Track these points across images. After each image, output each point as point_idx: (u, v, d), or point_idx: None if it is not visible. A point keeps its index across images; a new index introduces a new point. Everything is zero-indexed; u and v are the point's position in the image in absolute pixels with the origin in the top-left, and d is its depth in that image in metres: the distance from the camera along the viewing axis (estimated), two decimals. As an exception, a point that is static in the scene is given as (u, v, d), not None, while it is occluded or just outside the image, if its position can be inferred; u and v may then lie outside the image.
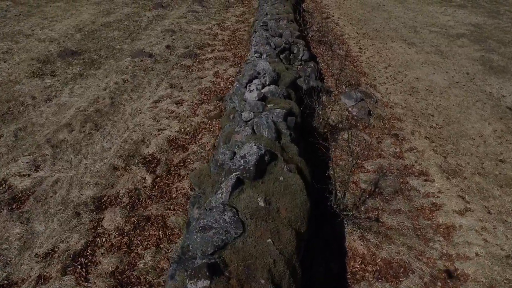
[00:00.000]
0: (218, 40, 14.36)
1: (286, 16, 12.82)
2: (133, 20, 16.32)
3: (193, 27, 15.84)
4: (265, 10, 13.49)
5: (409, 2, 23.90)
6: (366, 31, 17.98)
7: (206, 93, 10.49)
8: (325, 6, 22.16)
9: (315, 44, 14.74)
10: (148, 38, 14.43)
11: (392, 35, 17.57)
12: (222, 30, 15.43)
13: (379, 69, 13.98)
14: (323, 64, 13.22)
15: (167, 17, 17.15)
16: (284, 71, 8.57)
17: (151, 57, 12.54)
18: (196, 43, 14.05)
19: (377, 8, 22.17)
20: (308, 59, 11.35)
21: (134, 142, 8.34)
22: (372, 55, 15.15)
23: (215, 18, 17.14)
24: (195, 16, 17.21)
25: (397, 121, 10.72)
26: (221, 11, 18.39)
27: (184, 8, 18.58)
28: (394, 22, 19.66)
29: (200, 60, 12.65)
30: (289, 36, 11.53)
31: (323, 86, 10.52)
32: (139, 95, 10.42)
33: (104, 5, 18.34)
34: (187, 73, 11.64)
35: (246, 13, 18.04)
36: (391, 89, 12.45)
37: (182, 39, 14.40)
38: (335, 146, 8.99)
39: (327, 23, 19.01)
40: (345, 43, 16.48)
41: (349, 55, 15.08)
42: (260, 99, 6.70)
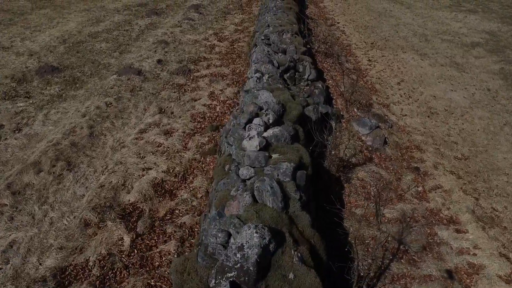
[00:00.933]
0: (215, 53, 12.89)
1: (290, 28, 11.35)
2: (123, 30, 14.84)
3: (188, 37, 14.37)
4: (267, 20, 12.03)
5: (416, 7, 22.39)
6: (374, 40, 16.50)
7: (199, 120, 9.05)
8: (329, 12, 20.65)
9: (321, 57, 13.28)
10: (139, 50, 12.97)
11: (403, 45, 16.10)
12: (220, 41, 13.96)
13: (392, 85, 12.53)
14: (330, 81, 11.77)
15: (161, 25, 15.66)
16: (290, 102, 7.13)
17: (140, 75, 11.09)
18: (190, 56, 12.59)
19: (384, 14, 20.67)
20: (315, 78, 9.90)
21: (113, 187, 6.91)
22: (383, 68, 13.69)
23: (213, 26, 15.65)
24: (190, 24, 15.73)
25: (416, 150, 9.31)
26: (219, 18, 16.91)
27: (179, 15, 17.09)
28: (403, 29, 18.18)
29: (194, 77, 11.20)
30: (293, 52, 10.07)
31: (333, 112, 9.08)
32: (124, 122, 8.99)
33: (93, 12, 16.85)
34: (179, 94, 10.19)
35: (245, 21, 16.55)
36: (406, 109, 11.02)
37: (176, 52, 12.93)
38: (349, 187, 7.58)
39: (332, 31, 17.54)
40: (353, 54, 15.02)
41: (357, 68, 13.63)
42: (262, 148, 5.27)
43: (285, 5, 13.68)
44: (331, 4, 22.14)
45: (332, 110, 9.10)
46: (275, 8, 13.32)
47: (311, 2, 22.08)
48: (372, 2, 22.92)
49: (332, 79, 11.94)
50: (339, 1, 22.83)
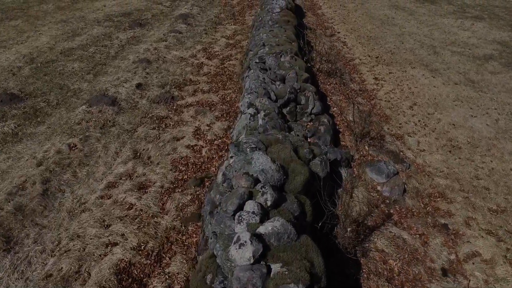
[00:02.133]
0: (203, 74, 11.12)
1: (288, 47, 9.60)
2: (101, 45, 12.99)
3: (174, 53, 12.57)
4: (262, 38, 10.28)
5: (419, 14, 20.72)
6: (379, 54, 14.81)
7: (181, 168, 7.30)
8: (328, 20, 18.91)
9: (324, 77, 11.56)
10: (116, 71, 11.15)
11: (410, 59, 14.43)
12: (209, 59, 12.18)
13: (404, 109, 10.87)
14: (335, 108, 10.07)
15: (145, 39, 13.83)
16: (293, 162, 5.40)
17: (115, 104, 9.30)
18: (175, 79, 10.80)
19: (386, 22, 18.96)
20: (320, 111, 8.19)
21: (63, 277, 5.17)
22: (392, 88, 12.01)
23: (201, 40, 13.85)
24: (177, 38, 13.91)
25: (441, 199, 7.67)
26: (209, 30, 15.10)
27: (165, 26, 15.25)
28: (409, 40, 16.50)
29: (178, 107, 9.43)
30: (294, 80, 8.34)
31: (343, 157, 7.38)
32: (89, 171, 7.22)
33: (71, 24, 14.96)
34: (158, 131, 8.42)
35: (238, 33, 14.76)
36: (424, 142, 9.37)
37: (158, 73, 11.14)
38: (367, 264, 5.92)
39: (332, 42, 15.82)
40: (357, 70, 13.32)
41: (364, 89, 11.95)
42: (257, 259, 3.58)
43: (282, 18, 11.92)
44: (329, 11, 20.39)
45: (342, 154, 7.39)
46: (270, 22, 11.56)
47: (309, 9, 20.32)
48: (373, 9, 21.21)
49: (336, 105, 10.23)
50: (338, 8, 21.10)
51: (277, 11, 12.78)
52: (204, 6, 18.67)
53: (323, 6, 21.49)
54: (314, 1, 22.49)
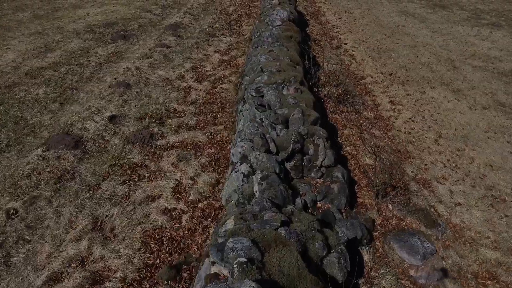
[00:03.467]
0: (190, 103, 9.19)
1: (292, 74, 7.67)
2: (76, 64, 11.05)
3: (158, 74, 10.65)
4: (260, 61, 8.34)
5: (431, 21, 18.73)
6: (392, 70, 12.86)
7: (153, 247, 5.40)
8: (333, 29, 16.92)
9: (333, 104, 9.63)
10: (88, 99, 9.24)
11: (428, 76, 12.48)
12: (198, 81, 10.24)
13: (428, 144, 8.96)
14: (348, 147, 8.17)
15: (127, 55, 11.89)
16: (302, 280, 3.53)
17: (78, 147, 7.39)
18: (156, 109, 8.89)
19: (397, 31, 16.98)
20: (333, 163, 6.28)
21: None
22: (411, 115, 10.08)
23: (192, 56, 11.90)
24: (164, 54, 11.96)
25: (493, 283, 5.81)
26: (201, 43, 13.14)
27: (152, 39, 13.30)
28: (423, 53, 14.54)
29: (156, 149, 7.53)
30: (300, 123, 6.43)
31: (363, 233, 5.48)
32: (29, 254, 5.33)
33: (46, 37, 13.01)
34: (129, 187, 6.52)
35: (234, 47, 12.81)
36: (458, 192, 7.49)
37: (138, 100, 9.23)
38: None
39: (340, 56, 13.87)
40: (369, 91, 11.38)
41: (379, 117, 10.02)
42: None
43: (284, 34, 9.97)
44: (334, 18, 18.40)
45: (362, 230, 5.48)
46: (270, 39, 9.61)
47: (312, 16, 18.33)
48: (381, 15, 19.23)
49: (349, 142, 8.32)
50: (344, 14, 19.10)
51: (278, 24, 10.82)
52: (197, 14, 16.69)
53: (327, 12, 19.50)
54: (317, 6, 20.51)
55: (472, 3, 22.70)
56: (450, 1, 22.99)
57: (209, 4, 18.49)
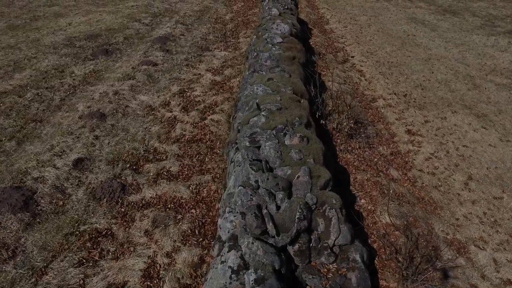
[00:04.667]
0: (174, 140, 7.59)
1: (296, 114, 6.06)
2: (46, 87, 9.44)
3: (140, 99, 9.05)
4: (256, 94, 6.72)
5: (443, 29, 17.09)
6: (407, 90, 11.24)
7: None
8: (338, 39, 15.28)
9: (342, 139, 8.03)
10: (53, 134, 7.64)
11: (447, 97, 10.87)
12: (185, 110, 8.64)
13: (457, 189, 7.39)
14: (363, 200, 6.59)
15: (107, 75, 10.28)
16: None
17: (28, 207, 5.79)
18: (133, 148, 7.29)
19: (407, 41, 15.34)
20: (349, 240, 4.71)
21: None
22: (434, 150, 8.49)
23: (180, 76, 10.28)
24: (149, 73, 10.35)
25: None
26: (191, 59, 11.51)
27: (138, 55, 11.67)
28: (439, 67, 12.92)
29: (128, 209, 5.94)
30: (307, 188, 4.84)
31: None
32: None
33: (17, 52, 11.38)
34: (85, 270, 4.92)
35: (228, 64, 11.19)
36: (504, 264, 5.89)
37: (113, 137, 7.63)
38: None
39: (347, 71, 12.24)
40: (383, 118, 9.77)
41: (396, 152, 8.43)
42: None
43: (285, 54, 8.36)
44: (339, 27, 16.74)
45: None
46: (269, 62, 7.99)
47: (315, 24, 16.68)
48: (389, 23, 17.57)
49: (364, 193, 6.73)
50: (349, 22, 17.44)
51: (278, 41, 9.20)
52: (190, 23, 15.04)
53: (330, 20, 17.84)
54: (321, 13, 18.84)
55: (483, 9, 21.04)
56: (460, 7, 21.34)
57: (204, 12, 16.83)
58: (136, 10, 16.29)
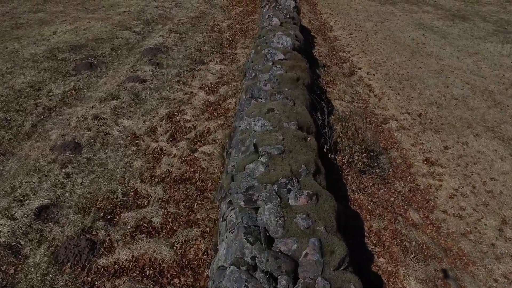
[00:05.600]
0: (159, 179, 6.40)
1: (301, 160, 4.85)
2: (17, 109, 8.25)
3: (123, 125, 7.85)
4: (254, 131, 5.53)
5: (454, 37, 15.86)
6: (421, 108, 10.03)
7: None
8: (343, 48, 14.05)
9: (354, 176, 6.84)
10: (16, 173, 6.45)
11: (466, 117, 9.67)
12: (174, 140, 7.44)
13: (490, 238, 6.20)
14: (382, 259, 5.42)
15: (88, 93, 9.08)
16: None
17: (-27, 278, 4.62)
18: (109, 191, 6.10)
19: (417, 50, 14.11)
20: None
21: None
22: (457, 184, 7.29)
23: (170, 96, 9.08)
24: (135, 91, 9.15)
25: None
26: (184, 74, 10.31)
27: (125, 69, 10.46)
28: (454, 81, 11.71)
29: (96, 276, 4.75)
30: (317, 269, 3.65)
31: None
32: None
33: (-8, 66, 10.18)
34: None
35: (224, 80, 9.98)
36: None
37: (87, 175, 6.45)
38: None
39: (354, 86, 11.04)
40: (397, 143, 8.58)
41: (415, 189, 7.24)
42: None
43: (288, 75, 7.16)
44: (344, 34, 15.50)
45: None
46: (269, 85, 6.79)
47: (318, 31, 15.45)
48: (396, 30, 16.34)
49: (382, 248, 5.56)
50: (354, 28, 16.20)
51: (280, 57, 7.99)
52: (185, 31, 13.81)
53: (334, 26, 16.60)
54: (323, 18, 17.59)
55: (494, 13, 19.80)
56: (469, 11, 20.09)
57: (200, 19, 15.59)
58: (127, 16, 15.06)
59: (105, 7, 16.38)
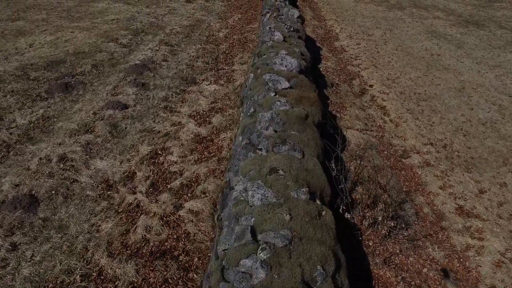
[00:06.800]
0: (131, 253, 4.90)
1: (318, 258, 3.38)
2: (-31, 148, 6.74)
3: (95, 168, 6.36)
4: (252, 202, 4.06)
5: (470, 46, 14.32)
6: (445, 136, 8.53)
7: None
8: (351, 60, 12.52)
9: (376, 241, 5.36)
10: (-47, 241, 4.95)
11: (500, 149, 8.14)
12: (155, 190, 5.94)
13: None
14: None
15: (58, 124, 7.57)
16: None
17: None
18: (65, 271, 4.59)
19: (432, 63, 12.58)
20: None
21: None
22: (504, 247, 5.76)
23: (154, 127, 7.56)
24: (114, 122, 7.64)
25: None
26: (172, 97, 8.80)
27: (105, 91, 8.94)
28: (478, 101, 10.20)
29: None
30: None
31: None
32: None
33: (-48, 89, 8.66)
34: None
35: (218, 105, 8.46)
36: None
37: (39, 245, 4.94)
38: None
39: (366, 109, 9.53)
40: (421, 184, 7.10)
41: (449, 254, 5.76)
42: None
43: (294, 112, 5.64)
44: (351, 44, 13.95)
45: None
46: (271, 129, 5.27)
47: (323, 40, 13.90)
48: (407, 38, 14.78)
49: None
50: (361, 37, 14.65)
51: (284, 85, 6.49)
52: (177, 42, 12.26)
53: (340, 34, 15.04)
54: (328, 25, 16.03)
55: (509, 18, 18.23)
56: (482, 17, 18.51)
57: (195, 27, 14.04)
58: (115, 25, 13.51)
59: (93, 14, 14.82)
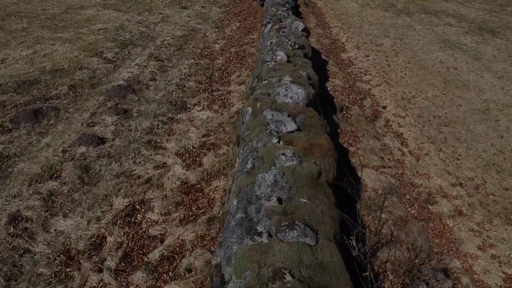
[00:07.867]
0: None
1: None
2: None
3: (56, 229, 4.97)
4: None
5: (488, 57, 12.93)
6: (475, 174, 7.18)
7: None
8: (361, 76, 11.13)
9: None
10: None
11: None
12: (128, 265, 4.59)
13: None
14: None
15: (19, 166, 6.19)
16: None
17: None
18: None
19: (450, 78, 11.20)
20: None
21: None
22: None
23: (134, 170, 6.20)
24: (86, 163, 6.27)
25: None
26: (158, 128, 7.43)
27: (81, 120, 7.57)
28: (508, 126, 8.83)
29: None
30: None
31: None
32: None
33: None
34: None
35: (211, 140, 7.08)
36: None
37: None
38: None
39: (381, 138, 8.17)
40: (455, 243, 5.77)
41: None
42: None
43: (304, 170, 4.29)
44: (359, 56, 12.56)
45: None
46: (275, 198, 3.91)
47: (329, 52, 12.50)
48: (419, 49, 13.38)
49: None
50: (370, 48, 13.25)
51: (290, 128, 5.14)
52: (168, 57, 10.87)
53: (347, 44, 13.64)
54: (333, 34, 14.61)
55: (525, 25, 16.81)
56: (496, 23, 17.10)
57: (189, 38, 12.63)
58: (102, 36, 12.11)
59: (79, 23, 13.42)
